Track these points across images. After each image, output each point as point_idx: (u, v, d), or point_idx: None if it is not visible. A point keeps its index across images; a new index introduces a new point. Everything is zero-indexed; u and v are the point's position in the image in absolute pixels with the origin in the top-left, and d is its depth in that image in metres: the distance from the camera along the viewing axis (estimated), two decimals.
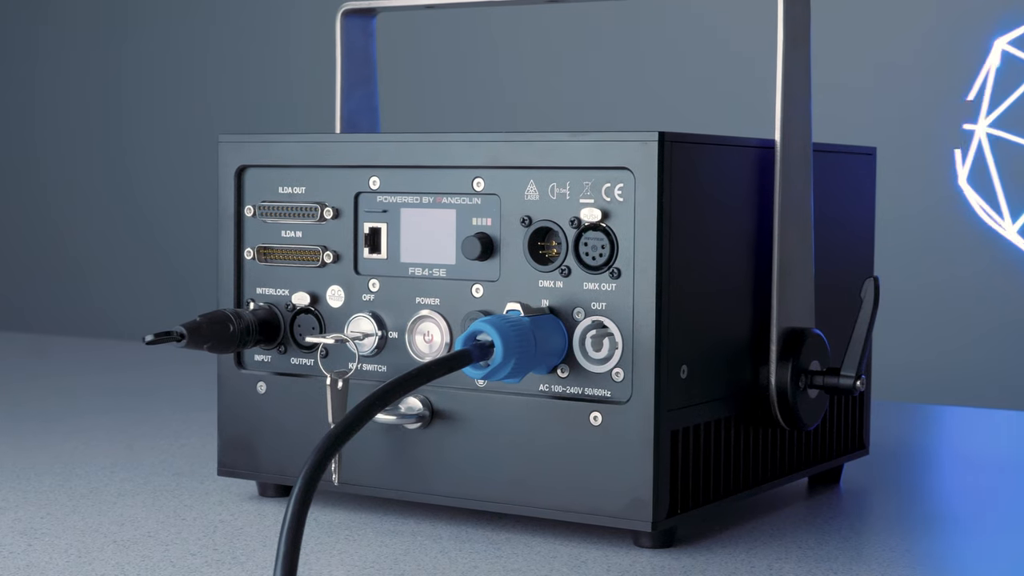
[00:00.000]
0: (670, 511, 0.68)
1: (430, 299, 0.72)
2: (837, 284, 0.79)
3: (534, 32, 2.39)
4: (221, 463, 0.78)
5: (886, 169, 1.21)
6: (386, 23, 1.96)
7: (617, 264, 0.68)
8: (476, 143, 0.71)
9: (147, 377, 1.26)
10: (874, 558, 0.68)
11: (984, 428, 1.10)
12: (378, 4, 0.84)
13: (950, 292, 2.15)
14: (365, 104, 0.86)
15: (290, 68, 2.54)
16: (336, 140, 0.75)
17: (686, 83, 2.28)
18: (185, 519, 0.74)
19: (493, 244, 0.71)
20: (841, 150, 0.81)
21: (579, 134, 0.68)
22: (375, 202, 0.74)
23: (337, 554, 0.68)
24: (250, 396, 0.77)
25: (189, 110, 2.62)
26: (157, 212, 2.65)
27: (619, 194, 0.67)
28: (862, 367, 0.73)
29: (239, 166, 0.77)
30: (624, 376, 0.67)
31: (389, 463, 0.73)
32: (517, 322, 0.67)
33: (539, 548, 0.69)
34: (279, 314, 0.76)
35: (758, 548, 0.69)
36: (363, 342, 0.74)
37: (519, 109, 2.39)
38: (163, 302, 2.62)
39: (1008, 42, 2.05)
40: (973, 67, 2.10)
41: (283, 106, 2.54)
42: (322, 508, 0.76)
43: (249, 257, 0.77)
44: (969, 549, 0.71)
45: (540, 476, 0.69)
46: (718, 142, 0.70)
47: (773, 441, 0.75)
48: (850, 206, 0.82)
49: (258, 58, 2.58)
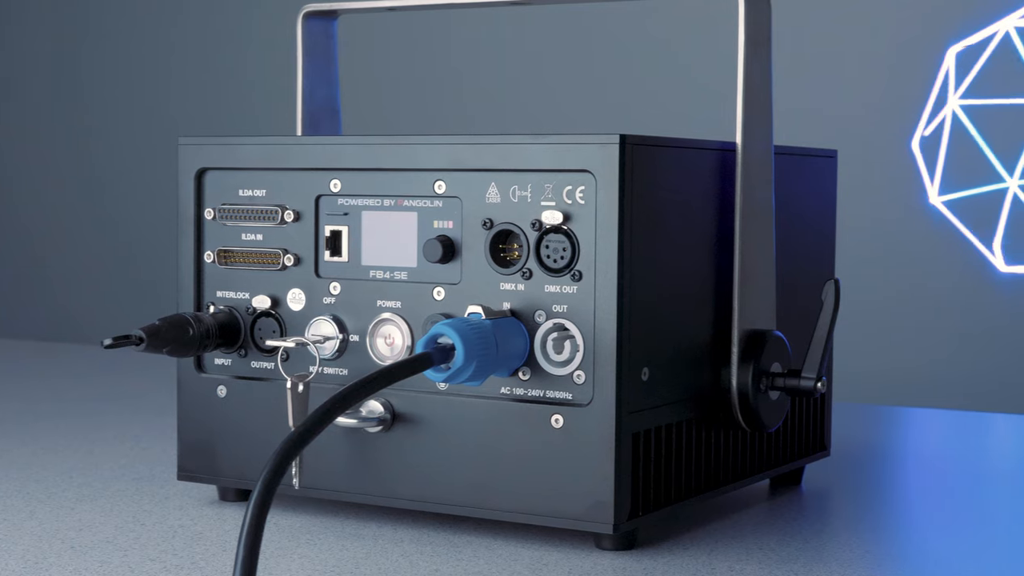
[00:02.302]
0: (631, 513, 0.68)
1: (391, 302, 0.72)
2: (798, 286, 0.79)
3: (496, 35, 2.39)
4: (181, 467, 0.78)
5: (848, 171, 1.22)
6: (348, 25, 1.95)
7: (578, 267, 0.67)
8: (437, 145, 0.71)
9: (107, 381, 1.25)
10: (835, 559, 0.68)
11: (944, 429, 1.11)
12: (339, 6, 0.84)
13: (911, 294, 2.17)
14: (326, 106, 0.86)
15: (252, 70, 2.53)
16: (297, 142, 0.75)
17: (648, 86, 2.28)
18: (144, 524, 0.73)
19: (454, 247, 0.71)
20: (802, 152, 0.81)
21: (540, 137, 0.68)
22: (336, 205, 0.74)
23: (298, 558, 0.67)
24: (210, 400, 0.77)
25: (151, 112, 2.61)
26: (118, 215, 2.64)
27: (580, 197, 0.67)
28: (823, 369, 0.74)
29: (199, 168, 0.77)
30: (585, 378, 0.67)
31: (350, 467, 0.73)
32: (478, 325, 0.67)
33: (500, 551, 0.69)
34: (239, 317, 0.76)
35: (719, 549, 0.69)
36: (324, 345, 0.73)
37: (481, 111, 2.39)
38: (124, 305, 2.61)
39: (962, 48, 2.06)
40: (932, 68, 2.11)
41: (245, 108, 2.53)
42: (283, 512, 0.75)
43: (209, 260, 0.77)
44: (928, 549, 0.72)
45: (501, 479, 0.69)
46: (679, 144, 0.70)
47: (734, 443, 0.76)
48: (811, 208, 0.82)
49: (220, 60, 2.57)
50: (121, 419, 1.05)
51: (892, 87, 2.15)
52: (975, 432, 1.12)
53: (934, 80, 2.11)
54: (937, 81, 2.09)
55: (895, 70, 2.15)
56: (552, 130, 2.25)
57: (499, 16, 2.35)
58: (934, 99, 2.10)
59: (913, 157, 2.13)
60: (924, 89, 2.11)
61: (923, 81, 2.11)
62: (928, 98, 2.11)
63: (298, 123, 0.85)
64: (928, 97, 2.11)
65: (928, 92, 2.11)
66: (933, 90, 2.10)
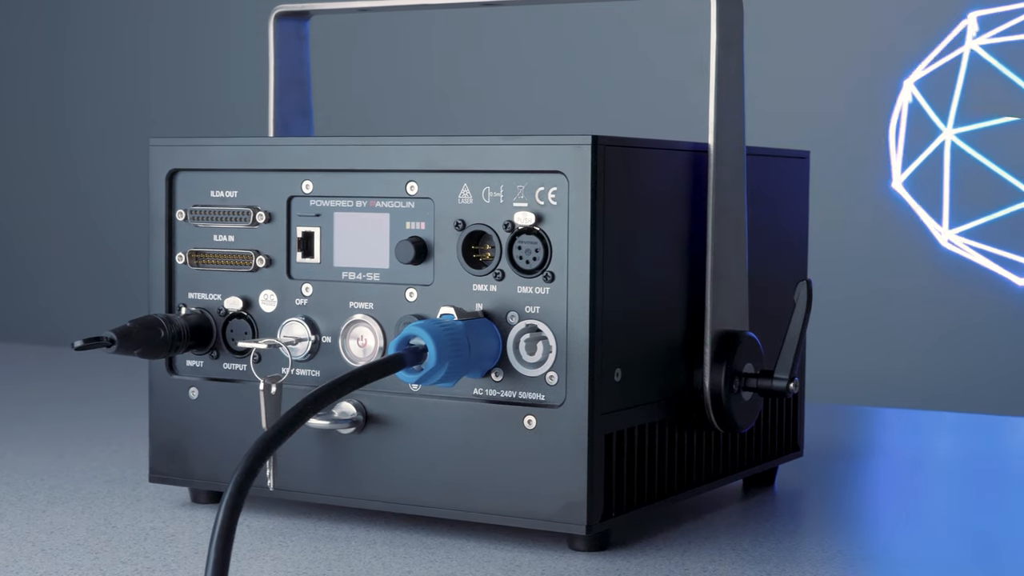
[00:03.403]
0: (604, 514, 0.68)
1: (364, 303, 0.72)
2: (771, 287, 0.80)
3: (469, 36, 2.39)
4: (153, 470, 0.77)
5: (820, 172, 1.22)
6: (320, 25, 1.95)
7: (551, 268, 0.67)
8: (409, 147, 0.71)
9: (78, 383, 1.24)
10: (807, 559, 0.68)
11: (917, 430, 1.11)
12: (312, 7, 0.84)
13: (883, 295, 2.17)
14: (298, 107, 0.86)
15: (224, 71, 2.53)
16: (269, 144, 0.75)
17: (620, 87, 2.28)
18: (116, 527, 0.73)
19: (427, 248, 0.70)
20: (775, 154, 0.81)
21: (512, 138, 0.68)
22: (308, 206, 0.74)
23: (271, 560, 0.67)
24: (182, 402, 0.76)
25: (124, 112, 2.60)
26: (90, 216, 2.63)
27: (553, 198, 0.67)
28: (795, 369, 0.74)
29: (170, 170, 0.77)
30: (558, 380, 0.67)
31: (323, 468, 0.73)
32: (451, 326, 0.67)
33: (473, 552, 0.69)
34: (211, 319, 0.76)
35: (692, 550, 0.69)
36: (296, 347, 0.73)
37: (453, 112, 2.39)
38: (95, 307, 2.60)
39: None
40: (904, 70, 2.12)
41: (217, 109, 2.53)
42: (256, 514, 0.75)
43: (181, 261, 0.77)
44: (901, 549, 0.72)
45: (474, 480, 0.69)
46: (651, 146, 0.70)
47: (707, 443, 0.76)
48: (784, 209, 0.83)
49: (193, 61, 2.56)
50: (92, 421, 1.04)
51: (864, 89, 2.16)
52: (947, 432, 1.12)
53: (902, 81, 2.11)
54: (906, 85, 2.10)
55: (868, 72, 2.15)
56: (524, 131, 2.25)
57: (471, 17, 2.35)
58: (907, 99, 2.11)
59: (888, 160, 2.14)
60: (895, 90, 2.12)
61: (895, 83, 2.12)
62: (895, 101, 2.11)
63: (270, 124, 0.85)
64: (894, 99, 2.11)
65: (895, 93, 2.11)
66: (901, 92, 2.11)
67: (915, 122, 2.12)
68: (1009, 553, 0.71)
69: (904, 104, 2.10)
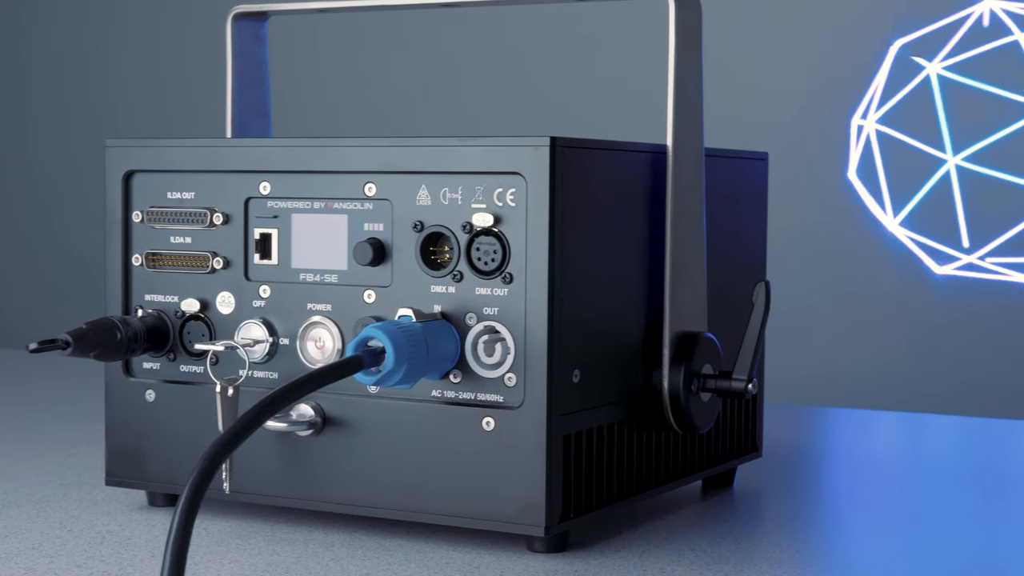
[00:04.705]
0: (563, 515, 0.68)
1: (321, 305, 0.72)
2: (730, 288, 0.80)
3: (427, 37, 2.38)
4: (109, 473, 0.77)
5: (779, 174, 1.23)
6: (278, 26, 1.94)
7: (509, 269, 0.67)
8: (368, 148, 0.70)
9: (33, 386, 1.23)
10: (765, 559, 0.68)
11: (875, 430, 1.12)
12: (270, 7, 0.83)
13: (841, 296, 2.18)
14: (256, 108, 0.85)
15: (181, 72, 2.52)
16: (226, 145, 0.74)
17: (579, 88, 2.28)
18: (71, 530, 0.72)
19: (385, 249, 0.70)
20: (733, 155, 0.82)
21: (471, 139, 0.68)
22: (266, 207, 0.73)
23: (228, 563, 0.67)
24: (139, 404, 0.76)
25: (82, 112, 2.58)
26: (46, 217, 2.62)
27: (511, 199, 0.67)
28: (754, 370, 0.74)
29: (127, 171, 0.76)
30: (516, 381, 0.67)
31: (281, 471, 0.72)
32: (409, 328, 0.66)
33: (432, 555, 0.68)
34: (168, 321, 0.75)
35: (651, 551, 0.69)
36: (254, 349, 0.73)
37: (411, 114, 2.39)
38: (51, 309, 2.58)
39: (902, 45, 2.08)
40: (868, 71, 2.13)
41: (175, 110, 2.52)
42: (213, 517, 0.75)
43: (137, 263, 0.76)
44: (858, 550, 0.72)
45: (433, 482, 0.69)
46: (610, 147, 0.70)
47: (666, 444, 0.76)
48: (743, 210, 0.83)
49: (150, 61, 2.55)
50: (48, 424, 1.03)
51: (824, 91, 2.16)
52: (905, 433, 1.13)
53: (868, 85, 2.12)
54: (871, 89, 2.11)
55: (827, 74, 2.16)
56: (483, 132, 2.25)
57: (430, 18, 2.35)
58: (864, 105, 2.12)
59: (845, 160, 2.15)
60: (857, 92, 2.13)
61: (856, 85, 2.13)
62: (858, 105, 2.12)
63: (227, 125, 0.84)
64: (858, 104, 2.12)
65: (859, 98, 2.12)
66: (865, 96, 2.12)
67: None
68: (959, 552, 0.71)
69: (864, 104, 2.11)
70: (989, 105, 2.06)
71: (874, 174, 2.11)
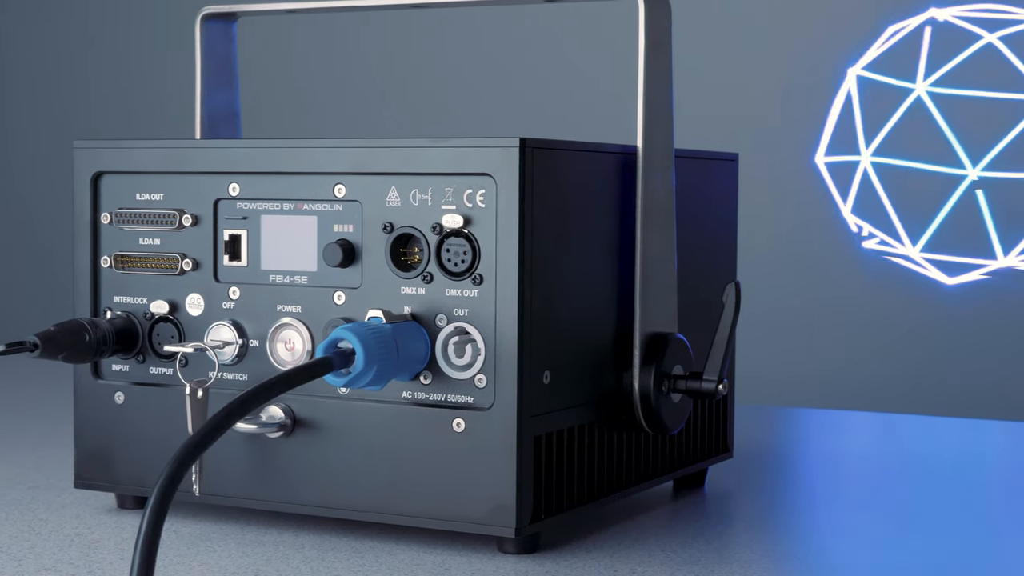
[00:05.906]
0: (534, 517, 0.68)
1: (291, 307, 0.72)
2: (700, 289, 0.80)
3: (398, 38, 2.38)
4: (78, 475, 0.76)
5: (749, 174, 1.23)
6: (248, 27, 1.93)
7: (479, 270, 0.67)
8: (337, 149, 0.70)
9: (1, 388, 1.23)
10: (736, 559, 0.68)
11: (846, 431, 1.12)
12: (239, 8, 0.83)
13: (811, 297, 2.19)
14: (225, 109, 0.85)
15: (150, 72, 2.51)
16: (195, 146, 0.74)
17: (549, 89, 2.28)
18: (40, 533, 0.72)
19: (355, 251, 0.70)
20: (703, 156, 0.82)
21: (440, 140, 0.68)
22: (235, 209, 0.73)
23: (197, 566, 0.66)
24: (108, 406, 0.75)
25: (50, 113, 2.57)
26: (15, 219, 2.60)
27: (481, 200, 0.67)
28: (724, 371, 0.74)
29: (95, 172, 0.76)
30: (487, 382, 0.67)
31: (251, 472, 0.72)
32: (379, 329, 0.66)
33: (403, 556, 0.68)
34: (137, 323, 0.75)
35: (622, 552, 0.69)
36: (223, 351, 0.73)
37: (381, 115, 2.38)
38: (20, 310, 2.57)
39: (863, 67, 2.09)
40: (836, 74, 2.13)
41: (143, 111, 2.51)
42: (183, 519, 0.75)
43: (106, 265, 0.76)
44: (829, 550, 0.72)
45: (403, 483, 0.69)
46: (580, 148, 0.70)
47: (637, 445, 0.76)
48: (713, 211, 0.83)
49: (118, 61, 2.54)
50: (15, 427, 1.03)
51: (794, 91, 2.17)
52: (876, 433, 1.13)
53: (838, 86, 2.13)
54: (840, 93, 2.12)
55: (797, 75, 2.17)
56: (453, 133, 2.25)
57: (400, 19, 2.35)
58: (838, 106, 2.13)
59: (814, 161, 2.15)
60: (828, 94, 2.13)
61: (826, 86, 2.13)
62: (830, 106, 2.13)
63: (197, 126, 0.84)
64: (830, 105, 2.13)
65: (831, 99, 2.13)
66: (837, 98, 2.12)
67: (843, 126, 2.13)
68: (929, 552, 0.71)
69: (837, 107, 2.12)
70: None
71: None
